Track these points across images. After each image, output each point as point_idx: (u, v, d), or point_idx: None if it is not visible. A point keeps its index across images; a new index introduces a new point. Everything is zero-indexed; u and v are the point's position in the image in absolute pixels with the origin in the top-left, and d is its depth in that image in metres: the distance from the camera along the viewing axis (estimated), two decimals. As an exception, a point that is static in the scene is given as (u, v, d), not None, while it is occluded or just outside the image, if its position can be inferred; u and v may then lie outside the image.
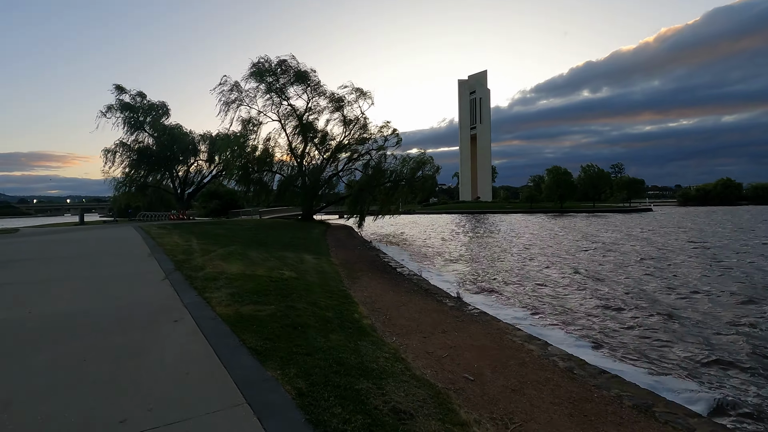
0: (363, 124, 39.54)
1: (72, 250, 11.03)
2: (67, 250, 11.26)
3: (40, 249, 11.52)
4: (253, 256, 12.01)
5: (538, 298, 10.34)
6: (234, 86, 35.25)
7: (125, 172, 38.02)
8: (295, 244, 17.74)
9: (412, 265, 14.96)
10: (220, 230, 21.29)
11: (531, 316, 8.65)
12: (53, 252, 10.81)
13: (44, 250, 11.40)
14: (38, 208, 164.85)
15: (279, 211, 58.07)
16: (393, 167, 38.72)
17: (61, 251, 10.95)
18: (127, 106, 38.08)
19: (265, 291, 6.80)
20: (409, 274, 12.22)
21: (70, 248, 11.58)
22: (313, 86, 36.11)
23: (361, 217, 38.29)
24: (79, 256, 9.89)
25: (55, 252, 10.81)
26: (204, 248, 12.30)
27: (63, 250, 11.12)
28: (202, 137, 42.57)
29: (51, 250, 11.15)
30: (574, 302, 9.81)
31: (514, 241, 26.01)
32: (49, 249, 11.47)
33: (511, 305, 9.59)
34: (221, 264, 9.41)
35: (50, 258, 9.76)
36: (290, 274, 9.36)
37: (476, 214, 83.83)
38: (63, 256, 9.94)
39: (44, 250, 11.40)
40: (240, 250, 13.19)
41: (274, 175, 39.77)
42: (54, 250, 11.26)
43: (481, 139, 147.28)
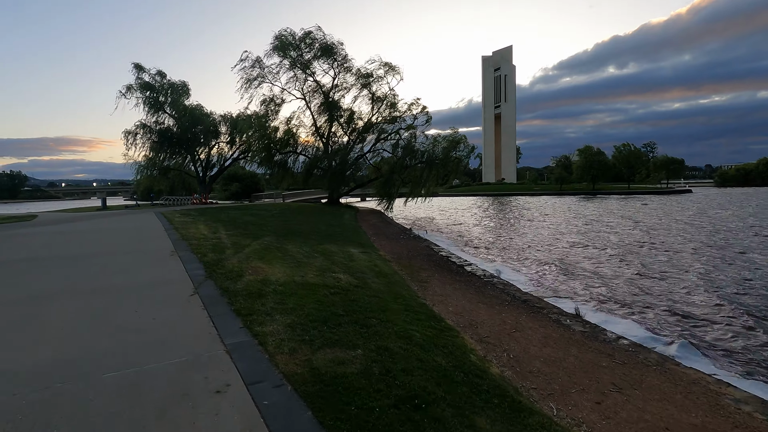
0: (392, 102, 37.00)
1: (80, 247, 9.24)
2: (75, 246, 9.47)
3: (44, 244, 9.78)
4: (294, 252, 10.04)
5: (709, 321, 7.69)
6: (256, 62, 33.15)
7: (146, 155, 36.73)
8: (332, 234, 15.76)
9: (475, 260, 12.79)
10: (247, 217, 19.49)
11: (729, 359, 6.02)
12: (57, 249, 9.04)
13: (49, 245, 9.65)
14: (66, 192, 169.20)
15: (302, 195, 56.37)
16: (425, 147, 36.20)
17: (66, 248, 9.16)
18: (147, 86, 36.47)
19: (334, 315, 4.77)
20: (485, 275, 10.07)
21: (80, 244, 9.80)
22: (340, 61, 33.65)
23: (391, 201, 36.17)
24: (87, 256, 8.06)
25: (59, 249, 9.04)
26: (235, 241, 10.40)
27: (70, 247, 9.34)
28: (222, 118, 40.82)
29: (56, 246, 9.39)
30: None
31: (574, 227, 23.49)
32: (55, 244, 9.73)
33: (660, 332, 7.09)
34: (261, 266, 7.44)
35: (51, 258, 7.97)
36: (348, 279, 7.33)
37: (503, 197, 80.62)
38: (67, 256, 8.14)
39: (49, 245, 9.65)
40: (276, 243, 11.25)
41: (298, 156, 37.85)
42: (60, 245, 9.51)
43: (506, 118, 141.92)
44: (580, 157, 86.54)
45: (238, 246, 9.74)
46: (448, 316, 6.10)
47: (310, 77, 33.77)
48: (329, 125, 35.56)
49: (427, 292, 7.83)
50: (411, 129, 37.23)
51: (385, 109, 37.01)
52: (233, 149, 41.93)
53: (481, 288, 8.42)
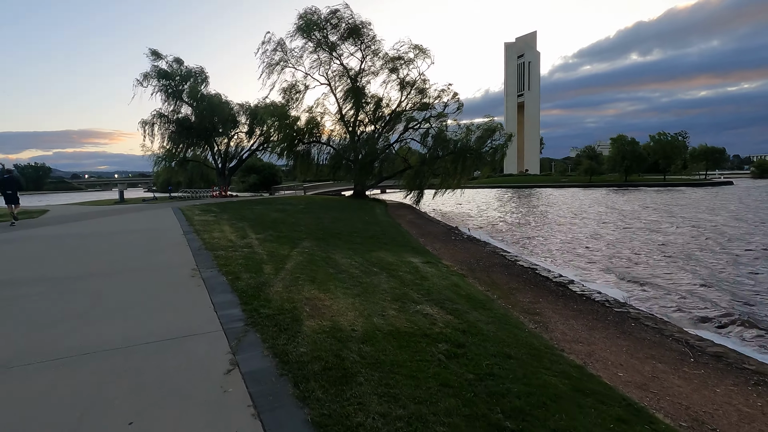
0: (421, 88, 34.36)
1: (74, 262, 7.04)
2: (69, 259, 7.30)
3: (31, 256, 7.73)
4: (346, 265, 7.81)
5: None
6: (278, 45, 30.87)
7: (164, 146, 35.10)
8: (374, 235, 13.51)
9: (568, 273, 10.21)
10: (273, 213, 17.42)
11: None
12: (44, 264, 6.85)
13: (37, 258, 7.57)
14: (89, 183, 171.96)
15: (322, 186, 54.41)
16: (457, 137, 33.55)
17: (56, 263, 7.00)
18: (164, 74, 34.67)
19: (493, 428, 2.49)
20: (607, 301, 7.53)
21: (75, 256, 7.65)
22: (368, 42, 31.10)
23: (420, 193, 33.76)
24: (77, 278, 5.91)
25: (46, 265, 6.81)
26: (270, 250, 8.22)
27: (61, 261, 7.19)
28: (241, 107, 38.86)
29: (44, 260, 7.27)
30: None
31: (647, 226, 20.72)
32: (45, 256, 7.67)
33: None
34: (318, 296, 5.22)
35: (26, 283, 5.80)
36: (444, 318, 5.06)
37: (529, 189, 77.21)
38: (52, 277, 6.00)
39: (37, 258, 7.57)
40: (319, 250, 9.05)
41: (322, 146, 35.63)
42: (50, 258, 7.38)
43: (529, 107, 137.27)
44: (612, 146, 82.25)
45: (275, 258, 7.55)
46: (631, 390, 3.80)
47: (336, 60, 31.38)
48: (355, 113, 33.17)
49: (554, 333, 5.53)
50: (442, 117, 34.65)
51: (415, 95, 34.43)
52: (252, 140, 40.08)
53: (620, 324, 6.05)
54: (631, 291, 9.07)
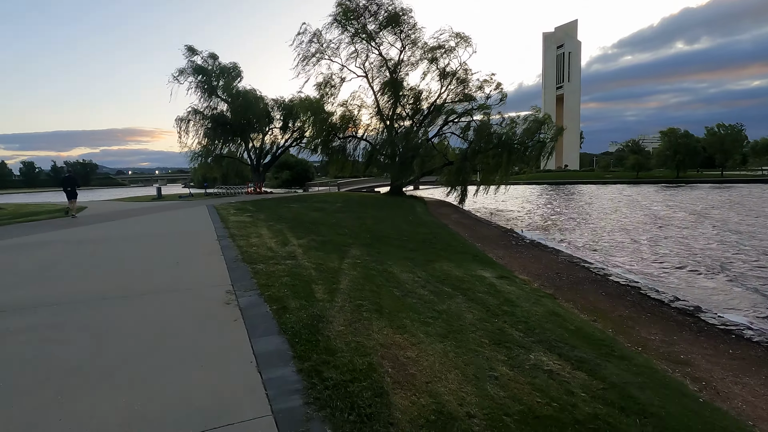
0: (463, 78, 32.35)
1: (87, 278, 5.84)
2: (83, 273, 6.11)
3: (43, 265, 6.71)
4: (410, 283, 6.35)
5: None
6: (314, 36, 29.69)
7: (200, 142, 34.93)
8: (426, 239, 12.00)
9: (685, 293, 8.23)
10: (312, 212, 16.23)
11: None
12: (52, 281, 5.65)
13: (48, 267, 6.51)
14: (131, 179, 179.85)
15: (356, 183, 53.32)
16: (502, 130, 31.40)
17: (66, 280, 5.80)
18: (200, 69, 34.35)
19: None
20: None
21: (93, 266, 6.49)
22: (407, 31, 29.42)
23: (464, 190, 31.83)
24: (84, 303, 4.74)
25: (56, 281, 5.63)
26: (318, 262, 6.87)
27: (74, 276, 5.99)
28: (275, 102, 38.17)
29: (56, 273, 6.14)
30: None
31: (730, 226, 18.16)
32: (59, 267, 6.60)
33: None
34: (396, 340, 3.79)
35: (18, 311, 4.78)
36: (575, 377, 3.54)
37: (569, 185, 73.29)
38: (54, 302, 4.82)
39: (48, 267, 6.51)
40: (372, 260, 7.63)
41: (358, 142, 34.35)
42: (62, 272, 6.22)
43: (569, 99, 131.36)
44: (662, 140, 76.85)
45: (325, 273, 6.18)
46: None
47: (374, 50, 29.91)
48: (393, 106, 31.64)
49: (734, 401, 3.87)
50: (485, 109, 32.55)
51: (456, 86, 32.49)
52: (287, 135, 39.42)
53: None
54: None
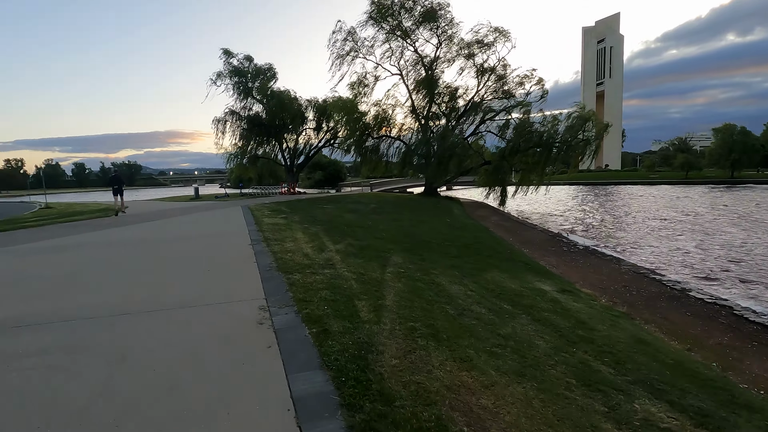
0: (501, 75, 31.06)
1: (109, 288, 5.28)
2: (107, 282, 5.62)
3: (67, 271, 6.37)
4: (464, 299, 5.58)
5: None
6: (348, 34, 29.34)
7: (236, 143, 35.44)
8: (469, 244, 11.15)
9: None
10: (346, 214, 15.69)
11: None
12: (71, 292, 5.09)
13: (70, 275, 6.14)
14: (172, 179, 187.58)
15: (388, 183, 52.73)
16: (543, 128, 29.89)
17: (86, 290, 5.29)
18: (236, 72, 34.84)
19: None
20: None
21: (118, 273, 6.05)
22: (444, 26, 28.49)
23: (503, 191, 30.50)
24: (100, 321, 4.24)
25: (74, 292, 5.00)
26: (358, 271, 6.21)
27: (95, 285, 5.48)
28: (309, 103, 38.19)
29: (76, 282, 5.64)
30: None
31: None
32: (82, 274, 6.22)
33: None
34: (463, 380, 3.06)
35: (20, 333, 4.37)
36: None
37: (612, 186, 69.69)
38: (66, 317, 4.35)
39: (70, 275, 6.14)
40: (417, 271, 6.91)
41: (392, 141, 33.68)
42: (83, 281, 5.73)
43: (611, 96, 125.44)
44: (715, 137, 71.82)
45: (367, 284, 5.51)
46: None
47: (410, 47, 29.17)
48: (428, 104, 30.79)
49: None
50: (525, 107, 31.12)
51: (494, 82, 31.24)
52: (320, 136, 39.39)
53: None
54: None
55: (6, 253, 7.74)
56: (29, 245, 8.47)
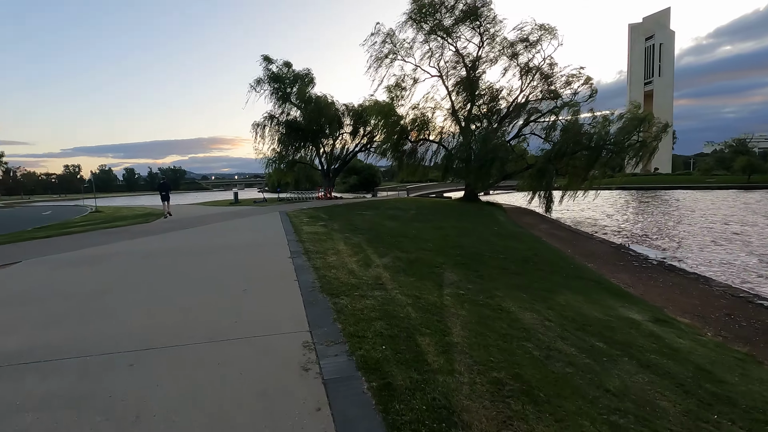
0: (547, 74, 29.47)
1: (133, 312, 4.51)
2: (130, 302, 4.88)
3: (91, 288, 5.86)
4: (543, 333, 4.60)
5: None
6: (387, 36, 28.75)
7: (274, 148, 35.68)
8: (525, 257, 10.05)
9: None
10: (387, 221, 14.90)
11: None
12: (99, 320, 4.38)
13: (95, 293, 5.66)
14: (214, 184, 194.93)
15: (426, 188, 51.67)
16: (593, 130, 28.03)
17: (106, 314, 4.60)
18: (275, 78, 35.11)
19: None
20: None
21: (144, 293, 5.39)
22: (486, 25, 27.30)
23: (548, 196, 28.81)
24: (114, 359, 3.62)
25: (106, 321, 4.27)
26: (413, 294, 5.36)
27: (116, 305, 4.78)
28: (346, 108, 37.95)
29: (105, 308, 5.06)
30: None
31: None
32: (108, 292, 5.74)
33: None
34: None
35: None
36: None
37: (664, 190, 65.18)
38: (72, 348, 3.75)
39: (95, 293, 5.66)
40: (479, 293, 5.96)
41: (430, 145, 32.70)
42: (105, 301, 5.24)
43: (660, 96, 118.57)
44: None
45: (428, 312, 4.65)
46: None
47: (451, 47, 28.17)
48: (469, 106, 29.63)
49: None
50: (573, 107, 29.31)
51: (539, 82, 29.69)
52: (356, 140, 39.06)
53: None
54: None
55: (42, 264, 7.47)
56: (67, 255, 8.22)
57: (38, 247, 9.27)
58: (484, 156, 27.69)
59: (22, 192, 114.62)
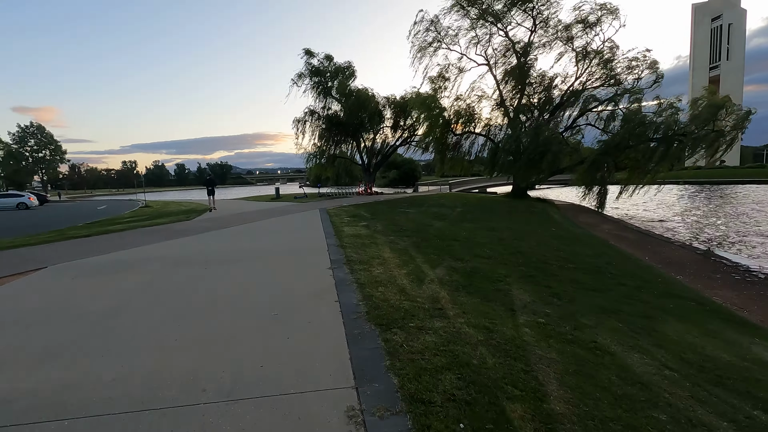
0: (607, 59, 26.95)
1: (153, 348, 3.57)
2: (148, 338, 3.92)
3: (106, 314, 5.14)
4: (663, 387, 3.35)
5: None
6: (431, 24, 27.32)
7: (315, 143, 35.39)
8: (598, 266, 8.62)
9: None
10: (433, 220, 13.77)
11: None
12: (102, 355, 3.43)
13: (106, 323, 4.83)
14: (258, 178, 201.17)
15: (468, 183, 49.84)
16: (658, 118, 25.29)
17: (121, 351, 3.63)
18: (316, 72, 34.70)
19: None
20: None
21: (168, 321, 4.44)
22: (540, 7, 25.24)
23: (602, 192, 26.55)
24: (119, 419, 2.78)
25: (111, 356, 3.36)
26: (481, 323, 4.27)
27: (134, 343, 3.84)
28: (387, 100, 36.95)
29: (114, 337, 4.11)
30: None
31: None
32: (124, 318, 4.94)
33: None
34: None
35: None
36: None
37: (734, 186, 59.17)
38: (92, 402, 2.96)
39: (106, 323, 4.83)
40: (563, 320, 4.76)
41: (475, 138, 31.01)
42: (128, 331, 4.23)
43: (728, 81, 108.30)
44: None
45: (507, 356, 3.54)
46: None
47: (500, 33, 26.30)
48: (519, 96, 27.69)
49: None
50: (635, 94, 26.64)
51: (597, 68, 27.22)
52: (396, 134, 38.01)
53: None
54: None
55: (65, 271, 6.98)
56: (96, 260, 7.76)
57: (73, 248, 8.98)
58: (535, 149, 25.73)
59: (85, 186, 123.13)
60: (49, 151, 78.49)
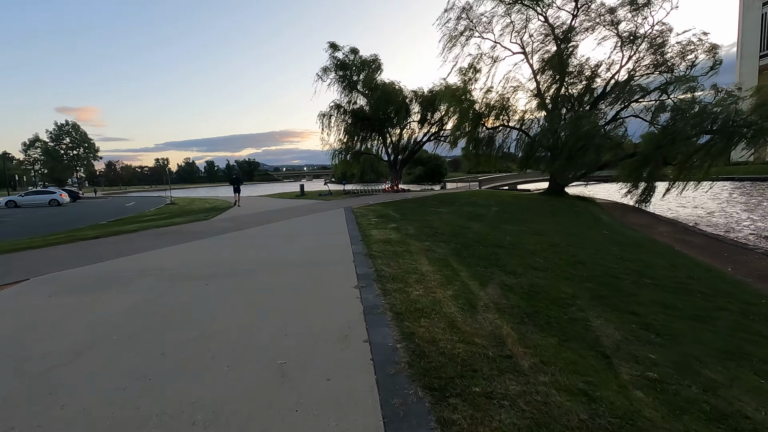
0: (659, 43, 24.65)
1: (126, 401, 2.69)
2: (123, 384, 2.88)
3: (85, 342, 4.14)
4: None
5: None
6: (462, 11, 25.76)
7: (340, 139, 34.49)
8: (681, 283, 7.10)
9: None
10: (469, 221, 12.42)
11: None
12: (65, 405, 2.95)
13: (81, 359, 3.79)
14: (285, 175, 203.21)
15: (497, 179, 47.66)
16: (715, 108, 22.88)
17: (91, 396, 2.87)
18: (341, 65, 33.74)
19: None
20: None
21: (152, 364, 3.20)
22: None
23: (649, 189, 24.46)
24: None
25: (73, 407, 2.73)
26: (582, 389, 2.98)
27: (107, 388, 2.94)
28: (414, 94, 35.56)
29: (86, 379, 3.24)
30: None
31: None
32: (103, 352, 3.97)
33: None
34: None
35: None
36: None
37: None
38: None
39: (81, 359, 3.79)
40: (695, 385, 3.40)
41: (509, 131, 29.23)
42: (103, 370, 3.34)
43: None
44: None
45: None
46: None
47: (539, 17, 24.46)
48: (558, 86, 25.76)
49: None
50: (689, 82, 24.28)
51: (646, 54, 24.96)
52: (424, 129, 36.59)
53: None
54: None
55: (46, 285, 5.94)
56: (86, 270, 6.73)
57: (71, 254, 8.14)
58: (574, 143, 23.81)
59: (120, 183, 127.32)
60: (83, 149, 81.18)
